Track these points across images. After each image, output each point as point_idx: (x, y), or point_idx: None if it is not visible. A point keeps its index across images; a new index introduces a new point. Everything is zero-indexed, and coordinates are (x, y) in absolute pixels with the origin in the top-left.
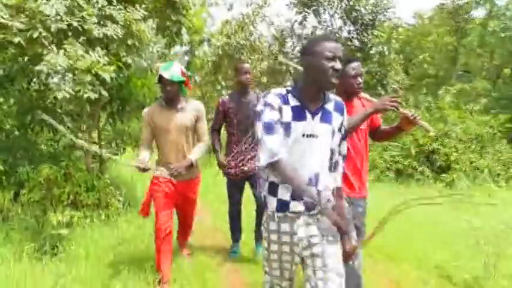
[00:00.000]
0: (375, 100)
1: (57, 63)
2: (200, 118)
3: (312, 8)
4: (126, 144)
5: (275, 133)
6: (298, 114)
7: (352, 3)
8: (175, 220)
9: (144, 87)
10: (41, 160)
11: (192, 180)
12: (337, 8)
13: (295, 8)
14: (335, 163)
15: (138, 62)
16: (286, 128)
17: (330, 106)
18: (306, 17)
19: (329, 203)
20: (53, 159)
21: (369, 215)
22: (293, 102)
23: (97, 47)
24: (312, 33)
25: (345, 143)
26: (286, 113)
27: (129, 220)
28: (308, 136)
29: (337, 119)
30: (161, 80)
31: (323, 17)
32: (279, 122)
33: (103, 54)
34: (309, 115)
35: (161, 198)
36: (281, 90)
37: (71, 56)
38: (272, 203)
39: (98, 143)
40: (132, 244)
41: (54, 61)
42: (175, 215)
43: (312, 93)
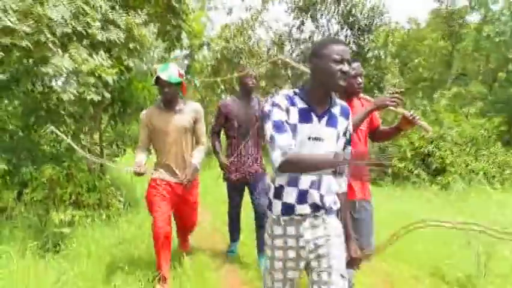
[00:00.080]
0: (374, 100)
1: (62, 65)
2: (198, 120)
3: (310, 13)
4: (127, 145)
5: (285, 132)
6: (304, 116)
7: (349, 8)
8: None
9: (144, 89)
10: (44, 161)
11: (190, 182)
12: (334, 13)
13: (293, 13)
14: (340, 168)
15: (139, 66)
16: (292, 130)
17: (336, 110)
18: (304, 22)
19: (335, 205)
20: (56, 160)
21: None
22: (300, 104)
23: (100, 51)
24: (310, 37)
25: (349, 148)
26: (293, 115)
27: (129, 220)
28: (314, 139)
29: (342, 124)
30: (158, 82)
31: (320, 22)
32: (286, 123)
33: (106, 57)
34: (316, 118)
35: (158, 201)
36: (289, 91)
37: (75, 59)
38: (277, 207)
39: (99, 145)
40: (132, 243)
41: (60, 64)
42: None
43: (320, 96)
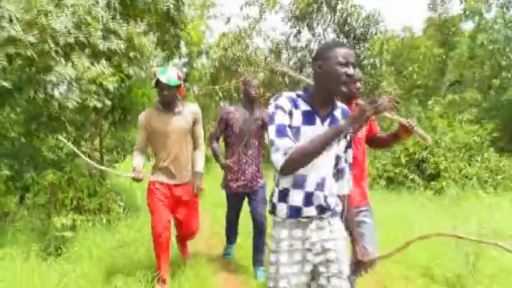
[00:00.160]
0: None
1: (66, 73)
2: (197, 121)
3: (306, 22)
4: (126, 152)
5: (286, 136)
6: (308, 118)
7: (344, 17)
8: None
9: (144, 96)
10: (45, 166)
11: (188, 184)
12: (330, 22)
13: (289, 22)
14: (341, 170)
15: (138, 73)
16: (295, 133)
17: (337, 113)
18: (300, 31)
19: (338, 207)
20: (57, 165)
21: None
22: (303, 106)
23: (102, 59)
24: (307, 46)
25: (350, 151)
26: (296, 117)
27: (129, 225)
28: None
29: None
30: (158, 84)
31: (317, 31)
32: (289, 127)
33: (107, 65)
34: (319, 120)
35: (157, 206)
36: (292, 94)
37: (78, 68)
38: (283, 210)
39: (99, 151)
40: (132, 246)
41: (63, 72)
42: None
43: (323, 98)
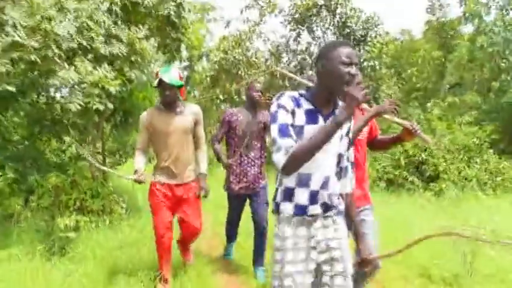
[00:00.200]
0: (373, 108)
1: (69, 78)
2: (198, 121)
3: (306, 25)
4: (128, 155)
5: (288, 136)
6: (311, 117)
7: (344, 20)
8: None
9: (145, 100)
10: (49, 169)
11: (189, 183)
12: (330, 25)
13: (289, 25)
14: (344, 169)
15: (139, 77)
16: (299, 132)
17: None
18: (300, 34)
19: (341, 206)
20: (60, 168)
21: None
22: (306, 105)
23: (104, 64)
24: (307, 49)
25: (351, 149)
26: (299, 116)
27: (131, 225)
28: None
29: (345, 125)
30: (160, 84)
31: (316, 34)
32: (292, 126)
33: (109, 69)
34: (322, 119)
35: (159, 208)
36: (294, 93)
37: (81, 72)
38: (288, 208)
39: (102, 153)
40: (134, 247)
41: (66, 76)
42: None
43: (326, 97)
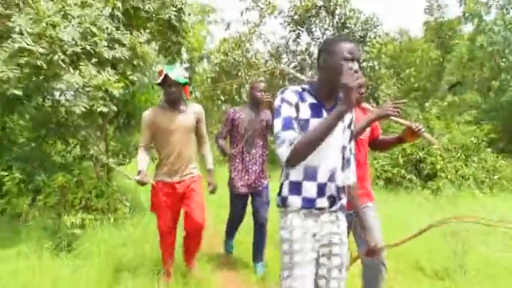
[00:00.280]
0: (376, 109)
1: (74, 81)
2: (201, 120)
3: (305, 26)
4: (131, 155)
5: (292, 129)
6: (315, 111)
7: (343, 21)
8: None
9: (148, 102)
10: (55, 170)
11: (190, 179)
12: (329, 26)
13: (288, 27)
14: (347, 160)
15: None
16: (304, 125)
17: None
18: (300, 35)
19: (344, 199)
20: (65, 168)
21: None
22: (310, 99)
23: (107, 67)
24: (306, 49)
25: (353, 142)
26: (303, 110)
27: (135, 223)
28: None
29: (348, 117)
30: (165, 82)
31: (316, 35)
32: (296, 119)
33: (113, 73)
34: (325, 113)
35: (161, 206)
36: (297, 87)
37: (85, 75)
38: (296, 201)
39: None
40: (138, 243)
41: (72, 80)
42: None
43: (328, 91)
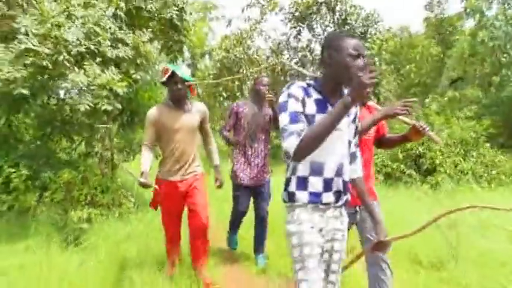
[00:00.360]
0: (383, 108)
1: (79, 80)
2: (205, 119)
3: (306, 23)
4: (135, 152)
5: (300, 122)
6: (321, 107)
7: (344, 17)
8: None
9: (151, 99)
10: (60, 166)
11: (193, 177)
12: (330, 22)
13: (289, 23)
14: (353, 154)
15: (144, 77)
16: (310, 121)
17: None
18: (301, 32)
19: (348, 195)
20: (70, 165)
21: None
22: (315, 95)
23: (111, 66)
24: (307, 46)
25: (357, 136)
26: (309, 106)
27: (139, 218)
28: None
29: (353, 112)
30: (171, 79)
31: (317, 31)
32: (302, 114)
33: (116, 72)
34: (331, 108)
35: (166, 207)
36: (303, 83)
37: (89, 75)
38: (303, 197)
39: (110, 151)
40: (142, 237)
41: (77, 79)
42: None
43: (333, 87)
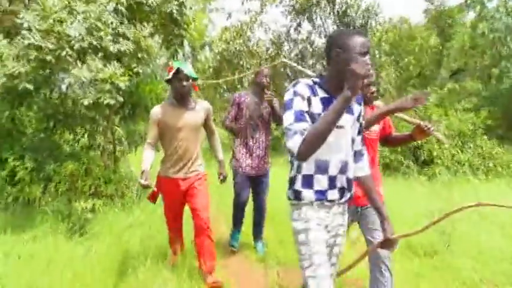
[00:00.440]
0: (394, 103)
1: (82, 75)
2: (209, 117)
3: (306, 15)
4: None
5: (304, 121)
6: (327, 105)
7: (344, 9)
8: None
9: (152, 92)
10: (64, 158)
11: (195, 176)
12: (330, 14)
13: (289, 16)
14: (359, 152)
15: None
16: (316, 120)
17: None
18: (301, 24)
19: (352, 192)
20: (74, 157)
21: None
22: (321, 93)
23: (113, 61)
24: (307, 38)
25: (361, 134)
26: (315, 105)
27: (142, 208)
28: (337, 127)
29: (357, 110)
30: (176, 76)
31: (317, 23)
32: (308, 113)
33: (118, 66)
34: None
35: (167, 202)
36: (308, 81)
37: (92, 69)
38: (309, 195)
39: (112, 143)
40: (145, 226)
41: (80, 74)
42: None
43: (339, 84)
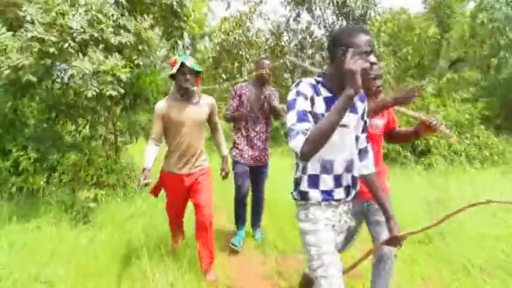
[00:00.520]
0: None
1: (84, 67)
2: (214, 112)
3: (305, 5)
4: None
5: (307, 121)
6: (331, 105)
7: None
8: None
9: (152, 83)
10: (66, 149)
11: (199, 172)
12: (329, 4)
13: (288, 6)
14: (364, 150)
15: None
16: (320, 120)
17: (356, 97)
18: (300, 14)
19: (357, 188)
20: (76, 147)
21: None
22: (324, 93)
23: (115, 53)
24: (307, 28)
25: (365, 132)
26: (319, 104)
27: (143, 198)
28: (341, 126)
29: (361, 108)
30: (180, 70)
31: (316, 13)
32: (311, 113)
33: (119, 58)
34: None
35: (170, 193)
36: (311, 80)
37: (94, 61)
38: (315, 195)
39: (114, 133)
40: (147, 216)
41: (82, 66)
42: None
43: (342, 83)
